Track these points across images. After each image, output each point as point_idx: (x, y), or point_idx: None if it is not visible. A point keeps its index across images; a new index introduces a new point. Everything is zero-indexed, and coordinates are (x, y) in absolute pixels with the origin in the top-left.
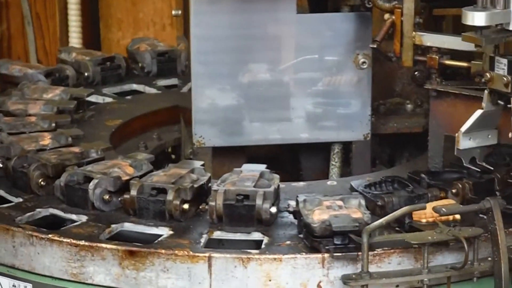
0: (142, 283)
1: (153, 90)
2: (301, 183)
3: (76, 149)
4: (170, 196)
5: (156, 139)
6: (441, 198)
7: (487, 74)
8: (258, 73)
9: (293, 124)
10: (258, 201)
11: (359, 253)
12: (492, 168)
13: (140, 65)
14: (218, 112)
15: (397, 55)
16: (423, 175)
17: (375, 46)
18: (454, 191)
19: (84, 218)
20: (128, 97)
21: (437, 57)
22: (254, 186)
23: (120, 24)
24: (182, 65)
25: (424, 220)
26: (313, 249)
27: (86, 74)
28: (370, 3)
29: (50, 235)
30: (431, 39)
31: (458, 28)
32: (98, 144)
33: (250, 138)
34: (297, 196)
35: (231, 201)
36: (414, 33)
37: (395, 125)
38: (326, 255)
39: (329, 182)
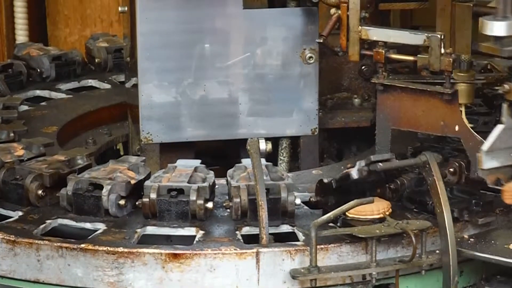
0: (187, 285)
1: (60, 95)
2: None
3: (61, 157)
4: (193, 196)
5: (106, 135)
6: (378, 194)
7: (506, 86)
8: (204, 68)
9: (241, 120)
10: (283, 194)
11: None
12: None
13: (38, 70)
14: (165, 108)
15: (344, 49)
16: None
17: (321, 40)
18: (451, 170)
19: (101, 225)
20: (43, 103)
21: (383, 51)
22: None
23: (67, 21)
24: (80, 67)
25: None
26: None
27: None
28: None
29: (83, 245)
30: (377, 33)
31: (405, 22)
32: (40, 140)
33: (198, 133)
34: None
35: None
36: (360, 27)
37: (342, 119)
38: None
39: (314, 171)
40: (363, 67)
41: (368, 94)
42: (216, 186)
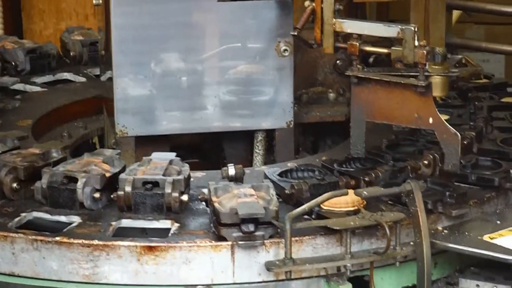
0: (163, 278)
1: (35, 88)
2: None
3: (36, 151)
4: (168, 189)
5: (82, 128)
6: (353, 187)
7: None
8: (179, 61)
9: (216, 113)
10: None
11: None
12: None
13: (13, 63)
14: (140, 101)
15: (318, 42)
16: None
17: (296, 33)
18: (426, 162)
19: (76, 218)
20: (18, 96)
21: (357, 43)
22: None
23: (42, 15)
24: (55, 61)
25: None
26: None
27: None
28: None
29: (58, 238)
30: (351, 26)
31: (382, 15)
32: (14, 133)
33: (173, 127)
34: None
35: None
36: (334, 20)
37: (317, 114)
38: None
39: (290, 164)
40: (337, 61)
41: (343, 88)
42: (191, 179)
